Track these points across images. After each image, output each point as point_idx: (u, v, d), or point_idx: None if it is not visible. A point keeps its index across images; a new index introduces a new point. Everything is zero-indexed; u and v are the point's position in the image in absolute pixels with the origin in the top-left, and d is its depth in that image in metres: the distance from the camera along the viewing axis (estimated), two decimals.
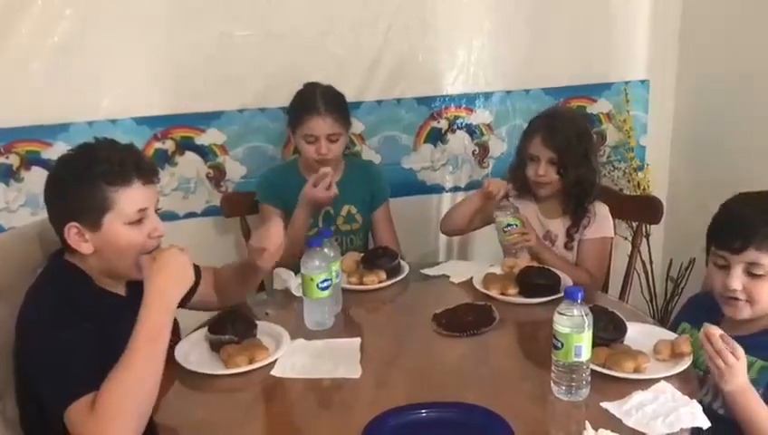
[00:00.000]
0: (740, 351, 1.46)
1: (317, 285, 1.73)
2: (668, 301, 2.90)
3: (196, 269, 1.81)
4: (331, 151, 2.30)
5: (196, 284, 1.78)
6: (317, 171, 2.26)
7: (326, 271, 1.74)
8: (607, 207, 2.25)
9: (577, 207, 2.21)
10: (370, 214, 2.47)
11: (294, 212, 2.27)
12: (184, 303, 1.78)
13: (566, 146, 2.14)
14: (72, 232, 1.49)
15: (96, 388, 1.35)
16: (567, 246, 2.24)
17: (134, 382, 1.34)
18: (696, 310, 1.80)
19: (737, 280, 1.62)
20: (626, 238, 2.69)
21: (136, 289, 1.59)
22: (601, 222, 2.22)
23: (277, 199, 2.39)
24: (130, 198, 1.50)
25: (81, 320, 1.43)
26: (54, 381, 1.38)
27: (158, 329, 1.41)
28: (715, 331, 1.47)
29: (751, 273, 1.61)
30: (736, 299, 1.63)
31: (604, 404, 1.41)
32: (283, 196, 2.38)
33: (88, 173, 1.48)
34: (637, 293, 2.85)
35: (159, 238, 1.57)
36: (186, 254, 1.52)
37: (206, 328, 1.70)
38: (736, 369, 1.46)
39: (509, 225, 2.12)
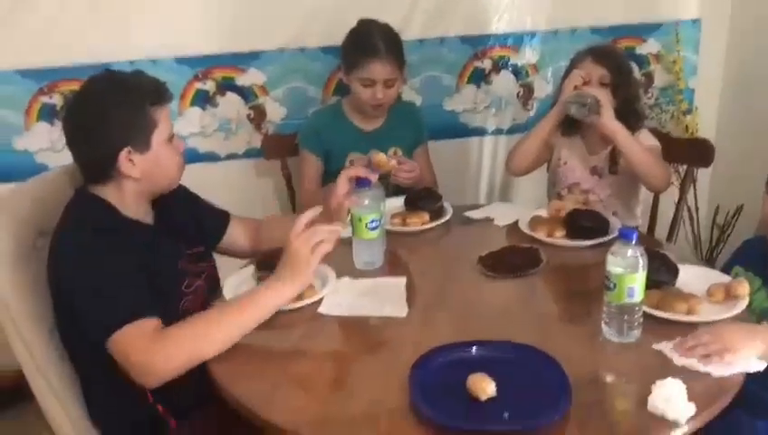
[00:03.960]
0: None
1: (366, 226, 1.72)
2: (713, 248, 2.85)
3: (226, 215, 1.84)
4: (386, 96, 2.26)
5: (223, 232, 1.83)
6: (367, 114, 2.25)
7: (375, 211, 1.73)
8: (648, 132, 2.22)
9: None
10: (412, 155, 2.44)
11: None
12: (214, 244, 1.81)
13: (618, 63, 2.12)
14: (124, 157, 1.51)
15: (144, 315, 1.39)
16: (611, 170, 2.20)
17: (210, 341, 1.41)
18: (750, 254, 1.75)
19: None
20: (672, 183, 2.63)
21: (162, 217, 1.64)
22: (645, 135, 2.18)
23: (319, 146, 2.36)
24: (166, 116, 1.57)
25: (115, 248, 1.46)
26: (99, 308, 1.41)
27: (265, 305, 1.47)
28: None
29: None
30: None
31: (656, 345, 1.40)
32: (325, 141, 2.35)
33: (131, 96, 1.51)
34: (681, 240, 2.79)
35: (182, 154, 1.64)
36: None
37: (254, 264, 1.71)
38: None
39: (584, 105, 2.03)
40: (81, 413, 1.58)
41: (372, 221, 1.72)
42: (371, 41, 2.22)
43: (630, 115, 2.14)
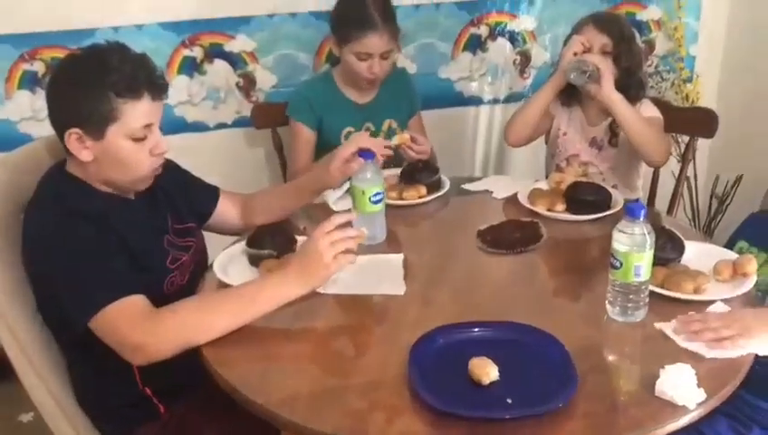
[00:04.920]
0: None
1: (369, 199, 1.66)
2: (712, 218, 2.81)
3: (216, 191, 1.77)
4: (382, 69, 2.17)
5: (213, 208, 1.76)
6: (360, 87, 2.19)
7: (378, 184, 1.67)
8: (650, 102, 2.16)
9: None
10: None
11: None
12: (204, 221, 1.75)
13: (620, 31, 2.05)
14: (73, 138, 1.41)
15: (126, 293, 1.33)
16: (611, 142, 2.14)
17: (205, 329, 1.35)
18: (756, 228, 1.71)
19: None
20: (671, 154, 2.58)
21: (145, 190, 1.55)
22: (647, 106, 2.12)
23: (312, 118, 2.27)
24: (138, 112, 1.41)
25: (89, 226, 1.39)
26: (78, 291, 1.35)
27: (268, 300, 1.38)
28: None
29: None
30: None
31: (658, 325, 1.35)
32: (317, 112, 2.27)
33: (98, 80, 1.38)
34: (679, 210, 2.76)
35: (161, 156, 1.49)
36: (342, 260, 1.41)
37: (245, 242, 1.65)
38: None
39: (585, 71, 1.97)
40: (69, 397, 1.53)
41: (376, 194, 1.66)
42: (366, 11, 2.11)
43: (632, 84, 2.08)
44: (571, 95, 2.17)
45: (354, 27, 2.11)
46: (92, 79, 1.38)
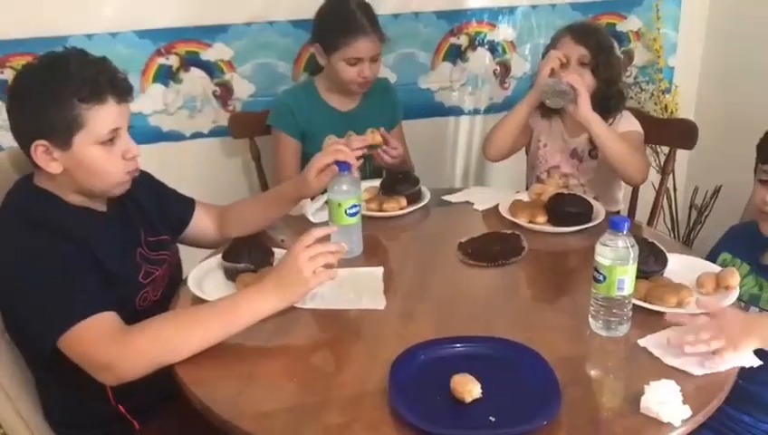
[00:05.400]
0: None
1: (345, 211, 1.63)
2: (691, 229, 2.81)
3: (191, 202, 1.73)
4: (373, 72, 2.15)
5: (189, 219, 1.72)
6: (349, 93, 2.17)
7: (355, 196, 1.64)
8: (630, 114, 2.15)
9: (602, 114, 2.08)
10: None
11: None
12: (179, 233, 1.71)
13: (598, 42, 2.03)
14: (40, 150, 1.36)
15: (96, 310, 1.28)
16: (591, 154, 2.13)
17: (178, 347, 1.30)
18: (737, 239, 1.70)
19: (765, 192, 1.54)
20: (649, 165, 2.58)
21: (117, 203, 1.51)
22: (628, 119, 2.12)
23: (295, 127, 2.23)
24: (103, 117, 1.37)
25: (57, 241, 1.33)
26: (45, 310, 1.29)
27: (245, 315, 1.34)
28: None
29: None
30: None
31: (642, 341, 1.34)
32: (301, 122, 2.23)
33: (58, 89, 1.34)
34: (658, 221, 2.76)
35: (135, 160, 1.45)
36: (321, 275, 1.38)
37: (220, 255, 1.61)
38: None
39: (562, 91, 1.95)
40: (37, 415, 1.48)
41: (352, 207, 1.63)
42: (354, 17, 2.10)
43: (612, 95, 2.07)
44: (548, 108, 2.15)
45: (343, 34, 2.10)
46: (53, 87, 1.34)
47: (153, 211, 1.62)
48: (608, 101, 2.06)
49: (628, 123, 2.11)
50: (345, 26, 2.10)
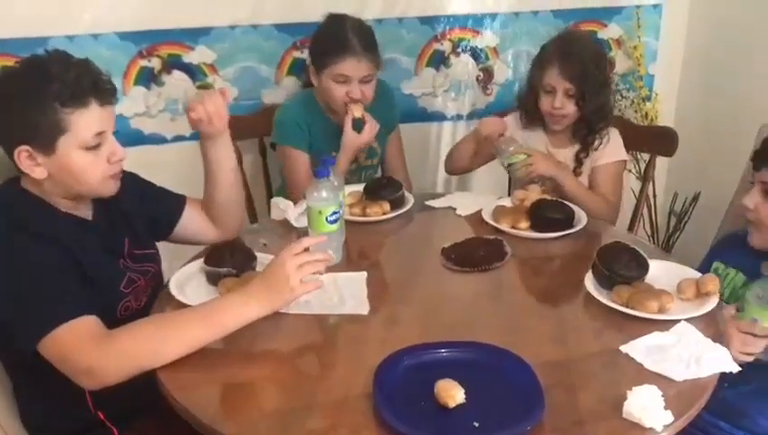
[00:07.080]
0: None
1: (326, 219, 1.61)
2: (671, 235, 2.84)
3: (181, 200, 1.71)
4: (365, 94, 2.12)
5: (177, 219, 1.70)
6: (341, 112, 2.13)
7: (334, 203, 1.63)
8: (617, 131, 2.16)
9: (589, 134, 2.11)
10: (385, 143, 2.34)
11: (338, 160, 2.10)
12: (169, 232, 1.69)
13: (585, 76, 2.01)
14: (23, 156, 1.35)
15: (77, 314, 1.27)
16: (575, 172, 2.14)
17: (162, 350, 1.28)
18: (730, 249, 1.72)
19: (751, 199, 1.58)
20: (629, 171, 2.61)
21: (104, 211, 1.49)
22: (615, 146, 2.13)
23: (304, 142, 2.19)
24: (87, 120, 1.35)
25: (40, 245, 1.32)
26: (25, 312, 1.28)
27: (229, 321, 1.32)
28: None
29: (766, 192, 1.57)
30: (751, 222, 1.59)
31: (624, 347, 1.34)
32: (309, 137, 2.20)
33: (39, 93, 1.32)
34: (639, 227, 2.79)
35: (119, 163, 1.44)
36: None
37: (202, 260, 1.60)
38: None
39: (510, 164, 2.00)
40: (15, 421, 1.46)
41: (333, 213, 1.62)
42: (345, 36, 2.08)
43: (599, 119, 2.09)
44: (532, 119, 2.17)
45: (332, 52, 2.09)
46: (34, 91, 1.32)
47: (140, 219, 1.60)
48: (595, 125, 2.08)
49: (612, 152, 2.11)
50: (334, 45, 2.10)
